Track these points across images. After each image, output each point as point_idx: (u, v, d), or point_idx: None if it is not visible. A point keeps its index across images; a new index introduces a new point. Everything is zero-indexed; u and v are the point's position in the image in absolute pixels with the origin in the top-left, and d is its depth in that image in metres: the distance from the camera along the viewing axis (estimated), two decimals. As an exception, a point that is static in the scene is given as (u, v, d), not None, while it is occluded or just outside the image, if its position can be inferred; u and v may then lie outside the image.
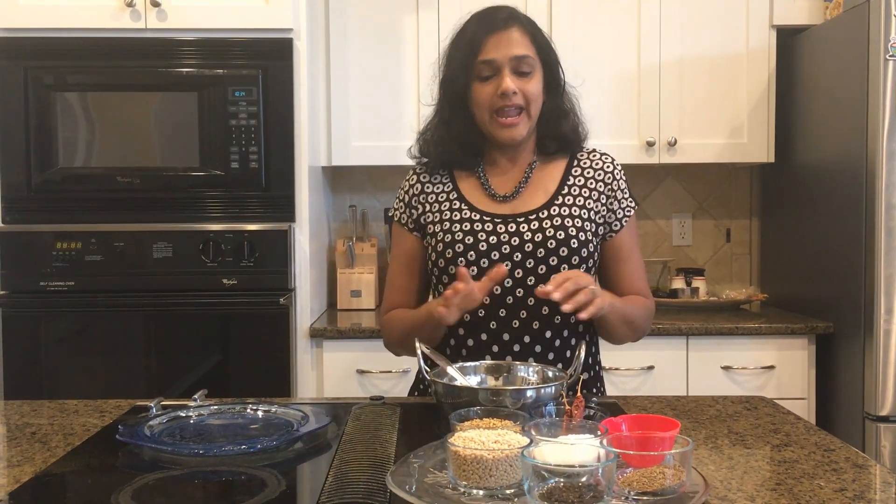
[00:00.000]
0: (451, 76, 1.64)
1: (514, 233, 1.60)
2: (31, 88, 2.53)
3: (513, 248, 1.58)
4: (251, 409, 1.45)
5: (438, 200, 1.68)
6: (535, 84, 1.60)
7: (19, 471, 1.19)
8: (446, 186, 1.69)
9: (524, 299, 1.58)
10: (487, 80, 1.59)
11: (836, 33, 2.71)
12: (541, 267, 1.57)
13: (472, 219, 1.63)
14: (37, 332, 2.55)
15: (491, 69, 1.59)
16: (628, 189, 1.69)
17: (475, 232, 1.61)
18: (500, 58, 1.58)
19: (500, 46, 1.58)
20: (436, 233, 1.65)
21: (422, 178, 1.72)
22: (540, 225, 1.60)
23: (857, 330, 2.54)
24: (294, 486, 1.18)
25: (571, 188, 1.65)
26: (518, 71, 1.59)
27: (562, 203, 1.63)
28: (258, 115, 2.55)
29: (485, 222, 1.62)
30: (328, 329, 2.68)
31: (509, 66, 1.58)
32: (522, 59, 1.58)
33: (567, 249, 1.58)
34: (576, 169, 1.68)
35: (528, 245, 1.58)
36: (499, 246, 1.59)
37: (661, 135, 2.99)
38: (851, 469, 1.19)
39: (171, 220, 2.55)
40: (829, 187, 2.72)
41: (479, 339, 1.60)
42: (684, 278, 3.11)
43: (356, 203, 3.28)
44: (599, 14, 2.97)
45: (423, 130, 1.72)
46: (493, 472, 1.01)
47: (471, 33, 1.62)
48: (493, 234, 1.60)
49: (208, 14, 2.54)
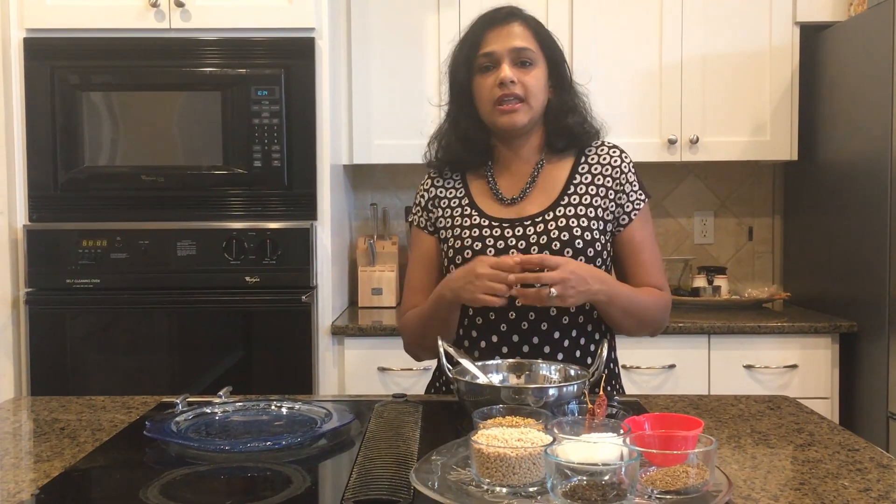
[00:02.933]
0: (455, 72, 1.68)
1: (521, 236, 1.61)
2: (58, 88, 2.56)
3: (519, 252, 1.59)
4: (275, 406, 1.47)
5: (451, 206, 1.70)
6: (535, 76, 1.61)
7: (49, 465, 1.21)
8: (458, 191, 1.71)
9: None
10: (488, 71, 1.61)
11: (860, 30, 2.68)
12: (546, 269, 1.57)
13: (480, 224, 1.64)
14: (62, 329, 2.58)
15: (491, 61, 1.61)
16: (638, 181, 1.68)
17: (483, 238, 1.63)
18: (500, 49, 1.60)
19: (500, 39, 1.61)
20: (447, 238, 1.68)
21: (436, 182, 1.75)
22: (545, 227, 1.61)
23: (881, 329, 2.52)
24: (319, 483, 1.19)
25: (577, 186, 1.65)
26: (518, 62, 1.60)
27: (567, 203, 1.63)
28: (280, 114, 2.56)
29: (493, 227, 1.63)
30: (350, 327, 2.69)
31: (508, 57, 1.60)
32: (522, 51, 1.60)
33: (572, 250, 1.58)
34: (583, 166, 1.68)
35: (533, 248, 1.59)
36: (506, 250, 1.60)
37: (682, 132, 2.97)
38: (876, 469, 1.18)
39: (194, 218, 2.57)
40: (853, 185, 2.70)
41: (491, 340, 1.62)
42: (706, 277, 3.10)
43: (377, 201, 3.30)
44: (621, 12, 2.97)
45: (435, 134, 1.75)
46: (517, 470, 1.01)
47: (473, 30, 1.65)
48: (501, 239, 1.62)
49: (231, 14, 2.56)
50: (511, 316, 1.60)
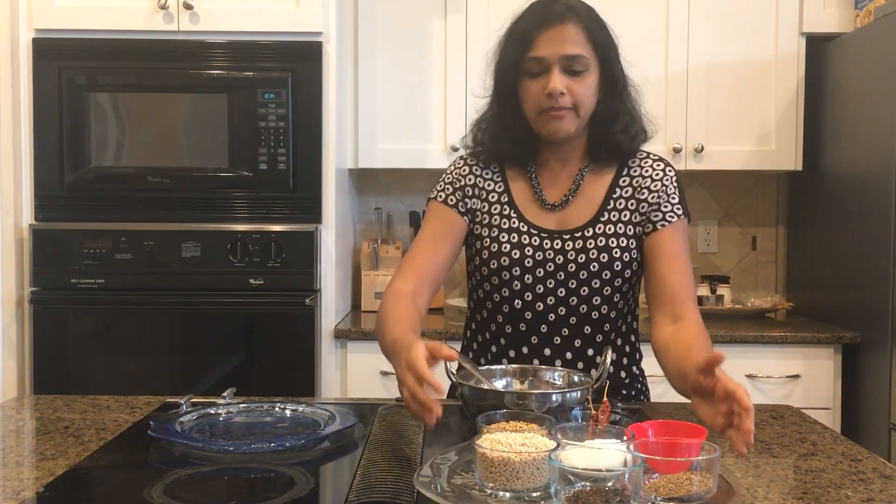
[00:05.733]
0: (502, 70, 1.58)
1: (560, 250, 1.57)
2: (65, 88, 2.57)
3: (557, 267, 1.56)
4: (279, 408, 1.47)
5: (489, 200, 1.63)
6: (586, 85, 1.52)
7: (53, 464, 1.22)
8: (498, 186, 1.63)
9: (566, 317, 1.58)
10: (537, 76, 1.52)
11: (866, 42, 2.69)
12: (584, 288, 1.56)
13: (519, 230, 1.59)
14: (66, 328, 2.59)
15: (540, 66, 1.51)
16: (679, 196, 1.59)
17: (522, 246, 1.57)
18: (551, 55, 1.50)
19: (552, 43, 1.50)
20: (483, 236, 1.61)
21: (474, 168, 1.65)
22: (584, 245, 1.56)
23: (884, 340, 2.52)
24: (322, 485, 1.20)
25: (618, 201, 1.59)
26: (569, 70, 1.51)
27: (607, 220, 1.58)
28: (287, 118, 2.57)
29: (532, 236, 1.58)
30: (352, 330, 2.69)
31: (560, 64, 1.50)
32: (575, 59, 1.50)
33: (610, 273, 1.55)
34: (624, 178, 1.60)
35: (571, 265, 1.56)
36: (544, 263, 1.56)
37: (687, 141, 2.98)
38: (879, 479, 1.18)
39: (199, 220, 2.58)
40: (857, 196, 2.70)
41: (521, 351, 1.60)
42: (709, 286, 3.10)
43: (381, 205, 3.30)
44: (627, 20, 2.96)
45: (479, 120, 1.66)
46: (520, 475, 1.02)
47: (524, 26, 1.54)
48: (539, 250, 1.57)
49: (239, 17, 2.57)
50: (543, 329, 1.59)
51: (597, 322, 1.59)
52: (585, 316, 1.58)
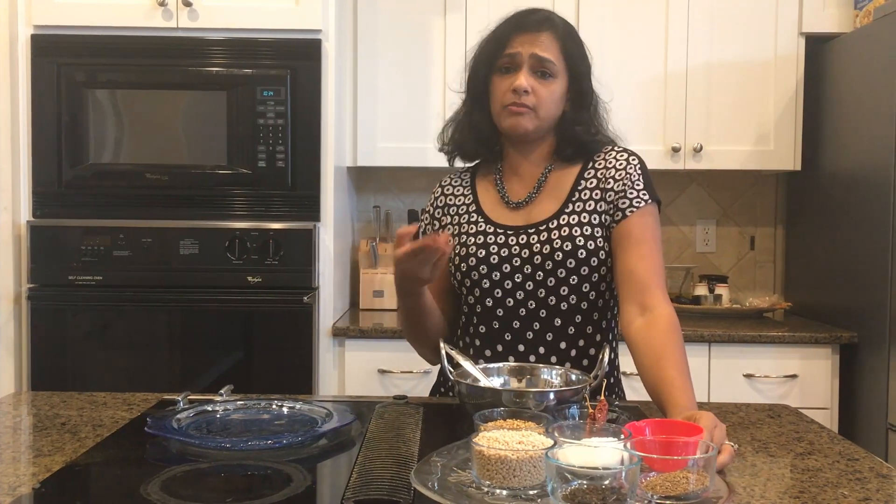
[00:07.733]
0: (476, 66, 1.66)
1: (525, 245, 1.60)
2: (64, 85, 2.57)
3: (523, 261, 1.59)
4: (276, 406, 1.47)
5: (459, 213, 1.70)
6: (551, 90, 1.58)
7: (50, 460, 1.21)
8: (467, 198, 1.71)
9: (536, 311, 1.59)
10: (507, 73, 1.59)
11: (865, 42, 2.69)
12: (550, 279, 1.57)
13: (485, 231, 1.64)
14: (64, 325, 2.58)
15: (511, 63, 1.58)
16: (644, 182, 1.60)
17: (487, 245, 1.62)
18: (522, 52, 1.57)
19: (525, 43, 1.57)
20: (455, 246, 1.67)
21: (445, 188, 1.75)
22: (549, 236, 1.58)
23: (881, 340, 2.52)
24: (319, 482, 1.19)
25: (582, 192, 1.62)
26: (537, 71, 1.57)
27: (571, 211, 1.60)
28: (286, 115, 2.57)
29: (497, 234, 1.62)
30: (350, 328, 2.69)
31: (528, 63, 1.57)
32: (544, 61, 1.57)
33: (575, 261, 1.56)
34: (589, 171, 1.63)
35: (536, 258, 1.58)
36: (510, 258, 1.59)
37: (686, 141, 2.98)
38: (875, 479, 1.18)
39: (198, 217, 2.58)
40: (856, 196, 2.70)
41: (496, 349, 1.62)
42: (707, 285, 3.10)
43: (380, 204, 3.30)
44: (627, 20, 2.97)
45: (451, 118, 1.73)
46: (517, 473, 1.02)
47: (501, 30, 1.62)
48: (505, 247, 1.61)
49: (239, 14, 2.57)
50: (516, 325, 1.60)
51: (567, 313, 1.59)
52: (555, 308, 1.59)
